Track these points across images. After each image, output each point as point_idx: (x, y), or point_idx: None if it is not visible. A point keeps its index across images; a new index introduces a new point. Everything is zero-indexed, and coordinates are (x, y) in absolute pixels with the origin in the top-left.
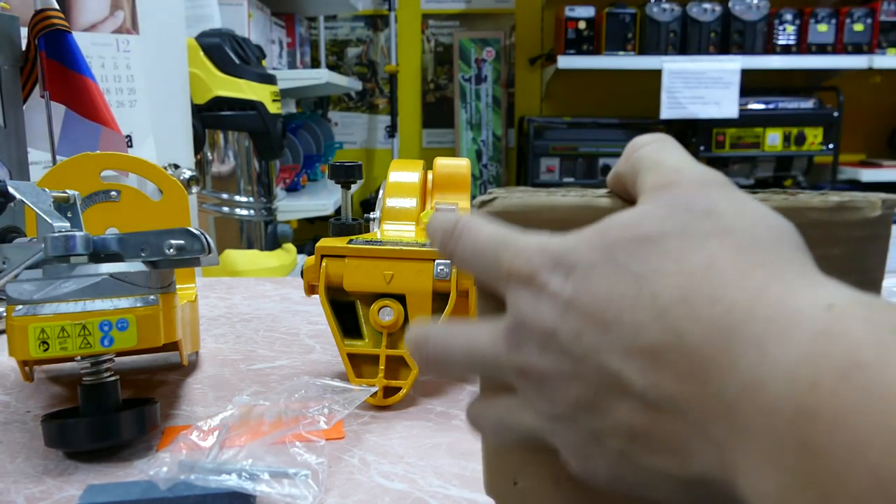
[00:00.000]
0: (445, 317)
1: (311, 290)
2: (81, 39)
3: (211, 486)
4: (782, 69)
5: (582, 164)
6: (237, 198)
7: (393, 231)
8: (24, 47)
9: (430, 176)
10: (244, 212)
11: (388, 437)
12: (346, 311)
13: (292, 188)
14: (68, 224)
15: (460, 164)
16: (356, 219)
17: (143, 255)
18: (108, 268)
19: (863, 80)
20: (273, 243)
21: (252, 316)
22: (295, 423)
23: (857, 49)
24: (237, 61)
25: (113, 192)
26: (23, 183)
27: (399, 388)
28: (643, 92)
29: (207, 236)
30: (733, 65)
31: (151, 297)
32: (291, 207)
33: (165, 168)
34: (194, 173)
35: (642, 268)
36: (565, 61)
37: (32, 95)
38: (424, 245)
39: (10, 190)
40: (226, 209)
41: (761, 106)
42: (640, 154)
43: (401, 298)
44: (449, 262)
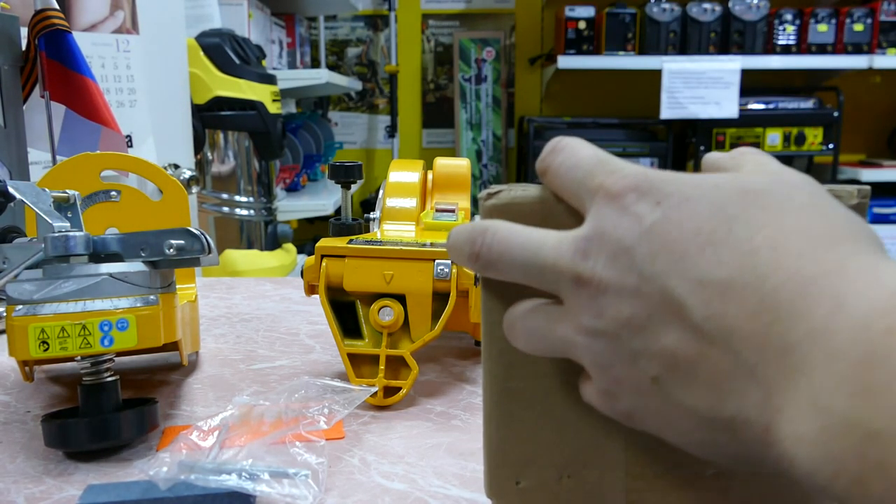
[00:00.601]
0: (445, 317)
1: (311, 290)
2: (81, 39)
3: (211, 486)
4: (782, 69)
5: None
6: (237, 198)
7: (393, 231)
8: (24, 47)
9: (430, 176)
10: (244, 212)
11: (388, 437)
12: (346, 311)
13: (292, 188)
14: (68, 224)
15: (460, 164)
16: (356, 219)
17: (143, 255)
18: (108, 268)
19: (863, 80)
20: (273, 243)
21: (252, 316)
22: (295, 423)
23: (857, 49)
24: (237, 61)
25: (113, 192)
26: (23, 183)
27: (399, 388)
28: (643, 92)
29: (207, 236)
30: (733, 65)
31: (151, 297)
32: (291, 207)
33: (165, 168)
34: (194, 173)
35: (739, 212)
36: (565, 61)
37: (32, 95)
38: (424, 245)
39: (10, 190)
40: (226, 209)
41: (761, 106)
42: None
43: (401, 298)
44: (449, 262)
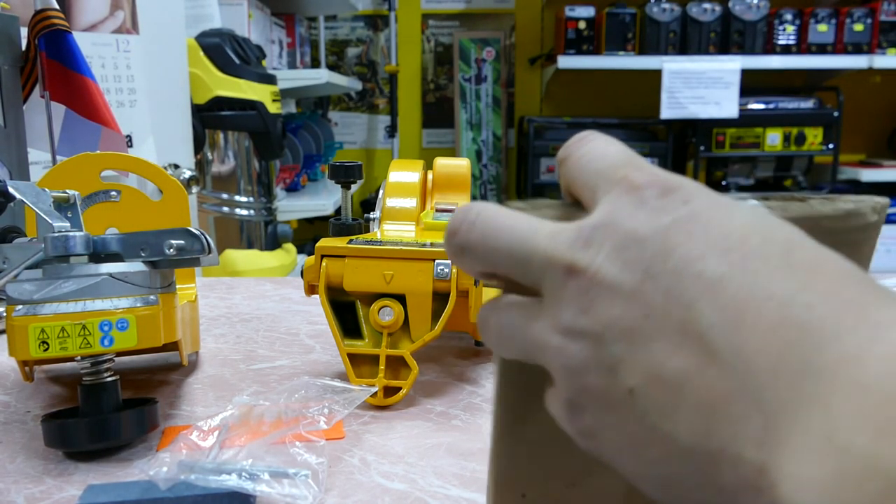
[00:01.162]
0: (445, 317)
1: (311, 290)
2: (81, 39)
3: (211, 486)
4: (782, 69)
5: None
6: (237, 198)
7: (393, 231)
8: (24, 47)
9: (430, 176)
10: (244, 212)
11: (388, 437)
12: (346, 311)
13: (292, 188)
14: (68, 224)
15: (460, 164)
16: (356, 219)
17: (143, 255)
18: (108, 268)
19: (863, 80)
20: (273, 243)
21: (252, 316)
22: (295, 423)
23: (857, 49)
24: (237, 61)
25: (113, 192)
26: (23, 183)
27: (399, 388)
28: (643, 92)
29: (207, 236)
30: (733, 65)
31: (151, 297)
32: (291, 207)
33: (165, 168)
34: (194, 173)
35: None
36: (565, 61)
37: (32, 95)
38: (424, 245)
39: (10, 190)
40: (226, 209)
41: (761, 106)
42: None
43: (401, 298)
44: (449, 262)
